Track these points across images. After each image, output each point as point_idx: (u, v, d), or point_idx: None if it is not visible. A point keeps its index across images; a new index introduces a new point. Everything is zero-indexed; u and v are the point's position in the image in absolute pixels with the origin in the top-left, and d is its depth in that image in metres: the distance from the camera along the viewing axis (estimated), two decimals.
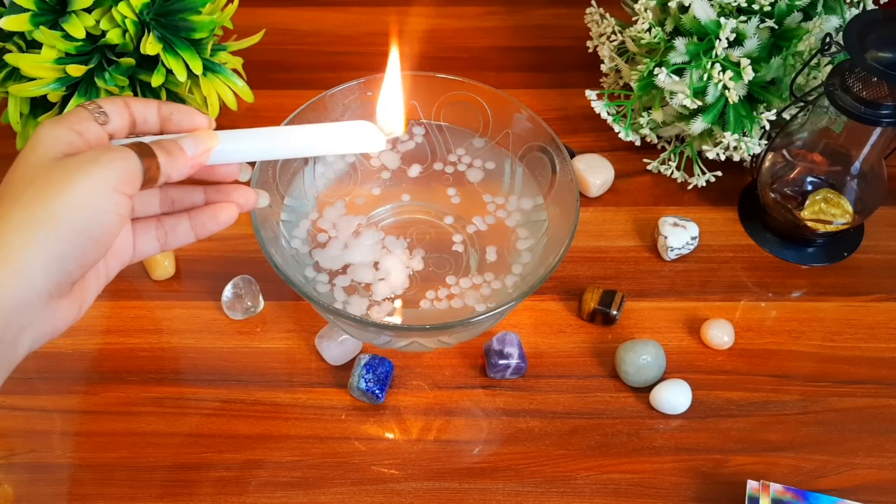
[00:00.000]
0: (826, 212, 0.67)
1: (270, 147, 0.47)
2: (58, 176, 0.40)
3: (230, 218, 0.48)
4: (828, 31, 0.66)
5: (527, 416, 0.61)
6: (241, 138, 0.46)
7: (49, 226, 0.39)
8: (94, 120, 0.44)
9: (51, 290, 0.40)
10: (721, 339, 0.64)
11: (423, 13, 0.89)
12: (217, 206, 0.48)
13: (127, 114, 0.45)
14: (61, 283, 0.40)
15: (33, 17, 0.62)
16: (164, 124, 0.46)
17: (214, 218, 0.48)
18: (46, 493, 0.58)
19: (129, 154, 0.42)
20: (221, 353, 0.64)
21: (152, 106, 0.46)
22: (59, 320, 0.42)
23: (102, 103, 0.44)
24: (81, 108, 0.44)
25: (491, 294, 0.58)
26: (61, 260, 0.40)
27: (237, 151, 0.46)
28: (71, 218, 0.39)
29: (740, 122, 0.68)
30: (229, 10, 0.70)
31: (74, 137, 0.42)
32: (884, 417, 0.62)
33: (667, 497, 0.58)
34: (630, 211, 0.73)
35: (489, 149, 0.64)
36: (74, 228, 0.40)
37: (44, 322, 0.41)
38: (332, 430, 0.61)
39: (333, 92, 0.60)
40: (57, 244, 0.39)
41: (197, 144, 0.45)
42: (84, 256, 0.41)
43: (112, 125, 0.44)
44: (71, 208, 0.39)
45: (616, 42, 0.75)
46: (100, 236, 0.41)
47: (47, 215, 0.39)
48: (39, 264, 0.39)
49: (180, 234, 0.48)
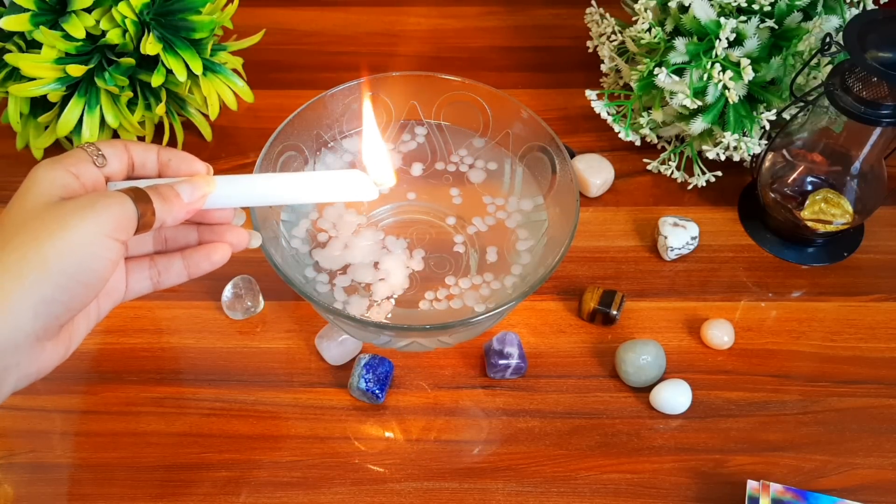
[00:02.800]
0: (826, 212, 0.67)
1: (265, 194, 0.48)
2: (51, 220, 0.40)
3: (223, 258, 0.49)
4: (828, 31, 0.66)
5: (527, 416, 0.61)
6: (235, 184, 0.47)
7: (39, 270, 0.39)
8: (92, 162, 0.44)
9: (38, 332, 0.40)
10: (721, 339, 0.64)
11: (423, 13, 0.89)
12: (210, 246, 0.49)
13: (126, 157, 0.45)
14: (49, 326, 0.40)
15: (33, 17, 0.62)
16: (163, 169, 0.47)
17: (208, 258, 0.48)
18: (46, 493, 0.58)
19: (125, 200, 0.42)
20: (221, 353, 0.64)
21: (151, 151, 0.46)
22: (44, 361, 0.42)
23: (102, 146, 0.45)
24: (80, 150, 0.44)
25: (490, 294, 0.58)
26: (50, 303, 0.40)
27: (232, 196, 0.47)
28: (61, 263, 0.39)
29: (740, 122, 0.68)
30: (229, 10, 0.70)
31: (71, 180, 0.42)
32: (884, 417, 0.62)
33: (667, 497, 0.58)
34: (630, 211, 0.73)
35: (489, 149, 0.64)
36: (65, 273, 0.39)
37: (30, 363, 0.41)
38: (332, 430, 0.61)
39: (333, 92, 0.60)
40: (47, 288, 0.39)
41: (193, 190, 0.45)
42: (73, 300, 0.41)
43: (110, 168, 0.45)
44: (62, 253, 0.39)
45: (616, 42, 0.75)
46: (90, 281, 0.41)
47: (38, 259, 0.39)
48: (28, 307, 0.39)
49: (173, 273, 0.48)
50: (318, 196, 0.49)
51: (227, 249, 0.49)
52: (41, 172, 0.42)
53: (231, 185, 0.47)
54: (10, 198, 0.42)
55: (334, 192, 0.48)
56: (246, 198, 0.48)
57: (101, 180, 0.44)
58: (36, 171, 0.42)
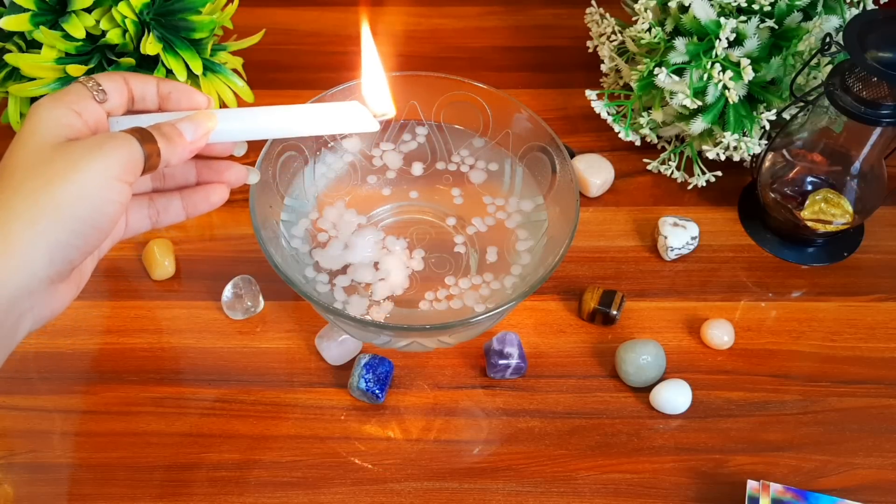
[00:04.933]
0: (826, 212, 0.67)
1: (266, 126, 0.47)
2: (60, 164, 0.40)
3: (221, 199, 0.49)
4: (828, 31, 0.66)
5: (527, 416, 0.61)
6: (236, 117, 0.46)
7: (52, 216, 0.39)
8: (93, 98, 0.43)
9: (52, 276, 0.40)
10: (721, 339, 0.64)
11: (423, 13, 0.89)
12: (209, 187, 0.49)
13: (125, 91, 0.45)
14: (62, 270, 0.41)
15: (33, 17, 0.62)
16: (163, 102, 0.46)
17: (206, 199, 0.48)
18: (46, 493, 0.58)
19: (132, 142, 0.41)
20: (221, 353, 0.64)
21: (151, 83, 0.46)
22: (58, 302, 0.42)
23: (101, 80, 0.44)
24: (80, 86, 0.43)
25: (490, 295, 0.58)
26: (64, 248, 0.40)
27: (232, 131, 0.46)
28: (74, 208, 0.39)
29: (740, 122, 0.68)
30: (229, 10, 0.70)
31: (73, 118, 0.42)
32: (884, 417, 0.62)
33: (667, 497, 0.58)
34: (630, 211, 0.73)
35: (489, 149, 0.64)
36: (77, 218, 0.40)
37: (44, 306, 0.41)
38: (332, 430, 0.61)
39: (333, 92, 0.60)
40: (60, 234, 0.39)
41: (196, 128, 0.44)
42: (86, 244, 0.41)
43: (110, 103, 0.44)
44: (75, 198, 0.39)
45: (616, 42, 0.75)
46: (102, 224, 0.41)
47: (51, 206, 0.39)
48: (41, 253, 0.39)
49: (172, 212, 0.48)
50: (318, 128, 0.48)
51: (226, 190, 0.49)
52: (44, 111, 0.41)
53: (232, 118, 0.46)
54: None
55: (334, 123, 0.48)
56: (247, 131, 0.47)
57: (102, 116, 0.44)
58: (38, 109, 0.41)
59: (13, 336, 0.40)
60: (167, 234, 0.70)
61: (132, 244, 0.69)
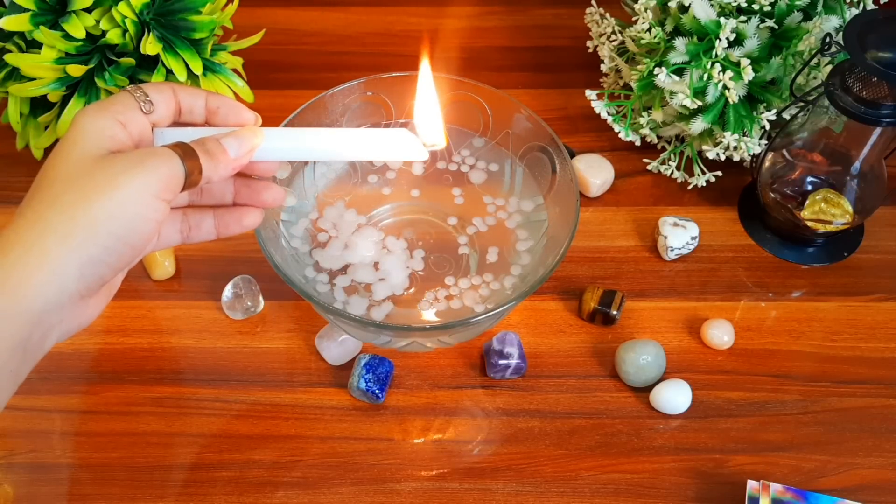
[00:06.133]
0: (826, 212, 0.67)
1: (312, 148, 0.46)
2: (100, 178, 0.39)
3: (254, 222, 0.48)
4: (828, 31, 0.66)
5: (527, 416, 0.61)
6: (283, 137, 0.46)
7: (88, 232, 0.38)
8: (139, 108, 0.42)
9: (82, 291, 0.39)
10: (721, 339, 0.64)
11: (423, 13, 0.89)
12: (243, 209, 0.48)
13: (173, 103, 0.44)
14: (92, 285, 0.40)
15: (33, 17, 0.62)
16: (211, 117, 0.45)
17: (239, 221, 0.48)
18: (46, 493, 0.58)
19: (173, 158, 0.41)
20: (221, 353, 0.64)
21: (200, 97, 0.45)
22: (86, 316, 0.42)
23: (149, 90, 0.43)
24: (127, 95, 0.42)
25: (490, 295, 0.58)
26: (96, 265, 0.39)
27: (278, 150, 0.46)
28: (110, 225, 0.39)
29: (740, 122, 0.68)
30: (229, 10, 0.70)
31: (118, 130, 0.41)
32: (884, 417, 0.62)
33: (667, 497, 0.58)
34: (630, 211, 0.73)
35: (489, 149, 0.64)
36: (112, 235, 0.39)
37: (72, 319, 0.41)
38: (332, 430, 0.61)
39: (333, 92, 0.60)
40: (94, 250, 0.39)
41: (241, 144, 0.44)
42: (118, 261, 0.40)
43: (157, 114, 0.43)
44: (111, 216, 0.39)
45: (616, 42, 0.75)
46: (136, 242, 0.40)
47: (87, 222, 0.38)
48: (74, 269, 0.38)
49: (204, 230, 0.48)
50: (367, 153, 0.47)
51: (260, 214, 0.48)
52: (88, 121, 0.40)
53: (278, 137, 0.45)
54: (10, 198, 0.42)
55: (384, 150, 0.47)
56: (293, 151, 0.46)
57: (147, 128, 0.43)
58: (83, 119, 0.41)
59: (40, 349, 0.40)
60: None
61: None
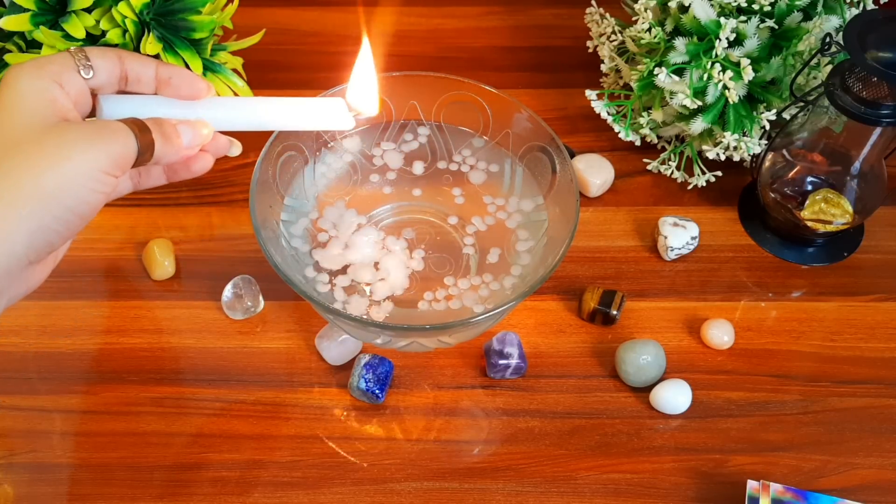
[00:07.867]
0: (826, 212, 0.67)
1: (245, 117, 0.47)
2: (51, 149, 0.39)
3: (204, 167, 0.48)
4: (828, 31, 0.66)
5: (527, 416, 0.61)
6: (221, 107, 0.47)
7: (37, 201, 0.39)
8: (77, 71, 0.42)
9: (31, 257, 0.40)
10: (721, 339, 0.64)
11: (423, 13, 0.89)
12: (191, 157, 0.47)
13: (118, 70, 0.43)
14: (41, 253, 0.40)
15: (33, 17, 0.62)
16: (161, 86, 0.45)
17: (187, 168, 0.48)
18: (46, 493, 0.58)
19: (128, 136, 0.41)
20: (221, 353, 0.64)
21: (150, 66, 0.44)
22: (33, 282, 0.43)
23: (91, 54, 0.42)
24: (66, 55, 0.42)
25: (490, 295, 0.58)
26: (45, 232, 0.40)
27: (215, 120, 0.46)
28: (59, 196, 0.39)
29: (740, 122, 0.68)
30: (229, 10, 0.70)
31: (56, 91, 0.41)
32: (884, 417, 0.62)
33: (667, 497, 0.58)
34: (630, 211, 0.73)
35: (489, 149, 0.64)
36: (62, 205, 0.39)
37: (19, 285, 0.41)
38: (332, 430, 0.61)
39: (333, 92, 0.60)
40: (43, 219, 0.39)
41: (194, 135, 0.44)
42: (68, 230, 0.41)
43: (97, 80, 0.43)
44: (60, 187, 0.39)
45: (616, 42, 0.75)
46: (85, 212, 0.41)
47: (37, 191, 0.38)
48: (23, 236, 0.39)
49: (153, 177, 0.48)
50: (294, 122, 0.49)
51: (210, 159, 0.48)
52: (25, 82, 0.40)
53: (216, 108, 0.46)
54: None
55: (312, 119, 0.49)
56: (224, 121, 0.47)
57: (85, 91, 0.42)
58: (18, 79, 0.40)
59: None
60: (167, 233, 0.70)
61: (132, 244, 0.69)
